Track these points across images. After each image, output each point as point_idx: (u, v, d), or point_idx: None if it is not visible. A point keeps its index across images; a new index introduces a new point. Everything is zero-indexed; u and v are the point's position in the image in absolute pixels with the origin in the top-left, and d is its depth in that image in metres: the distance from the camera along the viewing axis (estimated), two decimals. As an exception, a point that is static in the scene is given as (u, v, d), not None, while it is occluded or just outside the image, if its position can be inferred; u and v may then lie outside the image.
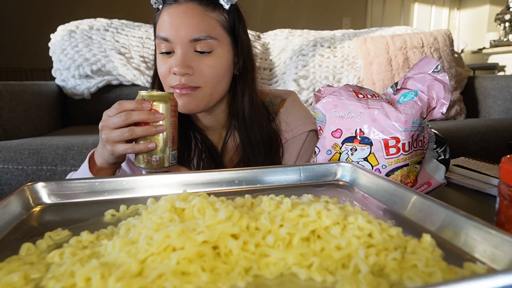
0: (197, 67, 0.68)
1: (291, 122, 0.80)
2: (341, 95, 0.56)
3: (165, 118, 0.57)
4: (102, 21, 1.77)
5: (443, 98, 0.54)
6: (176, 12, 0.67)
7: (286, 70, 1.86)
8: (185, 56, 0.67)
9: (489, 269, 0.28)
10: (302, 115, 0.81)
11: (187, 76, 0.68)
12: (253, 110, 0.75)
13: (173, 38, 0.67)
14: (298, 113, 0.82)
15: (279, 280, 0.28)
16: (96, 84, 1.66)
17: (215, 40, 0.68)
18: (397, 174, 0.53)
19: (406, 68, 1.79)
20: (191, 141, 0.78)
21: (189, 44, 0.67)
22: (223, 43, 0.70)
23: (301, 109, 0.83)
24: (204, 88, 0.70)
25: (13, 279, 0.27)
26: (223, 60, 0.71)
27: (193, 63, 0.68)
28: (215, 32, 0.68)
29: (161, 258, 0.28)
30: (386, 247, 0.30)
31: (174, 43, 0.67)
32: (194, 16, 0.67)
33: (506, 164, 0.34)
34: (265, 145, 0.76)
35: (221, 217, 0.31)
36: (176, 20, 0.67)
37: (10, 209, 0.40)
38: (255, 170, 0.51)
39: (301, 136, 0.79)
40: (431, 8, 4.33)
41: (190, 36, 0.66)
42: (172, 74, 0.68)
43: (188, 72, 0.67)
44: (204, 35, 0.67)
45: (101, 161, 0.62)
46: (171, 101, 0.58)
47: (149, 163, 0.57)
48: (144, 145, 0.56)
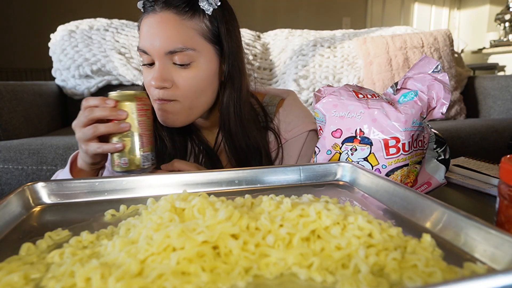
0: (175, 80, 0.65)
1: (290, 122, 0.78)
2: (341, 95, 0.56)
3: (128, 116, 0.55)
4: (102, 21, 1.77)
5: (443, 98, 0.54)
6: (152, 22, 0.64)
7: (286, 70, 1.86)
8: (163, 70, 0.65)
9: (489, 269, 0.28)
10: (301, 114, 0.80)
11: (164, 89, 0.65)
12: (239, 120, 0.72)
13: (150, 50, 0.64)
14: (297, 112, 0.80)
15: (279, 280, 0.28)
16: (96, 84, 1.66)
17: (193, 51, 0.65)
18: (397, 174, 0.53)
19: (406, 68, 1.79)
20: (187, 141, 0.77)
21: (166, 57, 0.64)
22: (204, 53, 0.66)
23: (300, 109, 0.81)
24: (181, 101, 0.67)
25: (13, 279, 0.27)
26: (204, 72, 0.67)
27: (171, 76, 0.65)
28: (192, 43, 0.65)
29: (161, 258, 0.28)
30: (386, 247, 0.30)
31: (152, 55, 0.65)
32: (168, 26, 0.63)
33: (506, 164, 0.34)
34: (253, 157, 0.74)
35: (221, 217, 0.31)
36: (151, 30, 0.64)
37: (10, 209, 0.40)
38: (255, 170, 0.51)
39: (301, 136, 0.77)
40: (431, 8, 4.33)
41: (165, 49, 0.63)
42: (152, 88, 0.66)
43: (165, 85, 0.65)
44: (180, 46, 0.63)
45: (80, 162, 0.62)
46: (137, 100, 0.56)
47: (119, 165, 0.56)
48: (112, 145, 0.55)
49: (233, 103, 0.71)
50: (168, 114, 0.68)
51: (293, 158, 0.77)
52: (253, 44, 1.88)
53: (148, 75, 0.67)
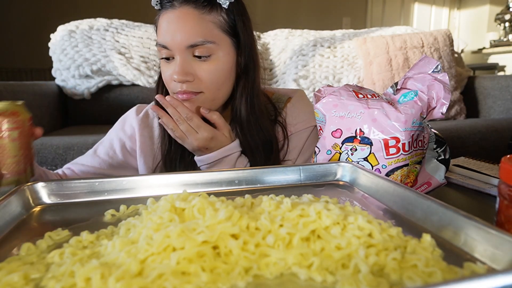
0: (196, 73, 0.67)
1: (297, 116, 0.80)
2: (341, 95, 0.56)
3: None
4: (102, 21, 1.77)
5: (443, 98, 0.54)
6: (172, 17, 0.66)
7: (286, 70, 1.86)
8: (184, 63, 0.66)
9: (489, 269, 0.28)
10: (308, 110, 0.81)
11: (187, 83, 0.67)
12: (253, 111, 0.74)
13: (170, 45, 0.66)
14: (304, 108, 0.82)
15: (279, 280, 0.28)
16: (96, 84, 1.66)
17: (213, 44, 0.67)
18: (397, 174, 0.53)
19: (406, 68, 1.79)
20: None
21: (186, 50, 0.66)
22: (223, 46, 0.69)
23: (307, 105, 0.83)
24: (205, 93, 0.69)
25: (13, 279, 0.27)
26: (224, 64, 0.69)
27: (193, 69, 0.67)
28: (212, 36, 0.67)
29: (161, 258, 0.28)
30: (386, 247, 0.30)
31: (172, 50, 0.66)
32: (189, 21, 0.66)
33: (506, 164, 0.34)
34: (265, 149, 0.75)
35: (221, 217, 0.31)
36: (172, 26, 0.66)
37: (10, 209, 0.40)
38: (255, 170, 0.51)
39: (306, 131, 0.79)
40: (431, 8, 4.33)
41: (186, 42, 0.65)
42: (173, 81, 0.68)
43: (188, 79, 0.67)
44: (201, 40, 0.66)
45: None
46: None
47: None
48: None
49: (246, 94, 0.73)
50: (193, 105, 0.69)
51: (295, 151, 0.78)
52: (253, 44, 1.88)
53: (167, 70, 0.69)
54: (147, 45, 1.71)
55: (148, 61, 1.69)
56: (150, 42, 1.71)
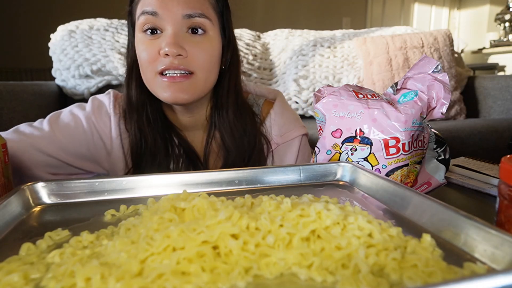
0: (190, 49, 0.61)
1: (282, 126, 0.75)
2: (341, 95, 0.56)
3: None
4: (102, 21, 1.77)
5: (443, 98, 0.54)
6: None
7: (286, 70, 1.86)
8: (178, 35, 0.60)
9: (489, 269, 0.28)
10: (292, 117, 0.77)
11: (179, 57, 0.60)
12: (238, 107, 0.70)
13: (163, 12, 0.60)
14: (288, 115, 0.77)
15: (279, 280, 0.28)
16: (96, 84, 1.66)
17: (208, 20, 0.63)
18: (397, 174, 0.53)
19: (406, 68, 1.79)
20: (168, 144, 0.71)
21: (181, 22, 0.60)
22: (215, 26, 0.65)
23: (290, 112, 0.79)
24: (198, 73, 0.63)
25: (13, 279, 0.27)
26: (216, 44, 0.65)
27: (186, 44, 0.61)
28: (208, 12, 0.63)
29: (161, 258, 0.28)
30: (386, 247, 0.30)
31: (164, 19, 0.60)
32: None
33: (506, 164, 0.34)
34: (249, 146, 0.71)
35: (221, 217, 0.31)
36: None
37: (10, 209, 0.40)
38: (255, 170, 0.51)
39: (295, 141, 0.75)
40: (431, 8, 4.34)
41: (183, 11, 0.60)
42: (161, 57, 0.61)
43: (181, 53, 0.60)
44: (198, 12, 0.61)
45: None
46: None
47: None
48: None
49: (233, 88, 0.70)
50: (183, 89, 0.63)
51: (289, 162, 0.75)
52: (253, 44, 1.88)
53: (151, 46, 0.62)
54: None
55: (148, 61, 1.69)
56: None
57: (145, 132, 0.69)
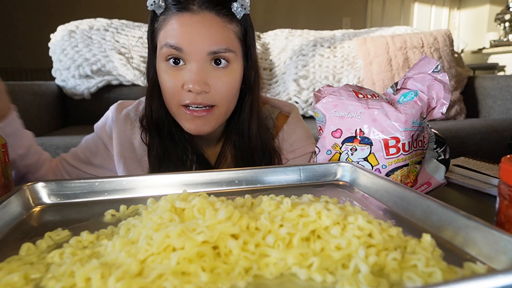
0: (213, 83, 0.62)
1: (294, 142, 0.76)
2: (341, 95, 0.56)
3: None
4: (102, 21, 1.77)
5: (443, 98, 0.54)
6: (191, 21, 0.60)
7: (286, 70, 1.86)
8: (202, 71, 0.61)
9: (489, 269, 0.28)
10: (305, 135, 0.78)
11: (203, 94, 0.62)
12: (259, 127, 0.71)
13: (188, 48, 0.60)
14: (301, 132, 0.78)
15: (279, 280, 0.28)
16: (96, 84, 1.66)
17: (233, 54, 0.63)
18: (397, 174, 0.53)
19: (406, 68, 1.79)
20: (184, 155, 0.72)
21: (205, 57, 0.61)
22: (238, 56, 0.65)
23: (303, 129, 0.79)
24: (219, 106, 0.64)
25: (13, 279, 0.27)
26: (237, 75, 0.66)
27: (209, 79, 0.62)
28: (233, 45, 0.63)
29: (161, 258, 0.28)
30: (386, 247, 0.30)
31: (188, 55, 0.61)
32: (212, 27, 0.61)
33: (506, 164, 0.34)
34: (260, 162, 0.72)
35: (221, 217, 0.31)
36: (192, 30, 0.60)
37: (10, 209, 0.40)
38: (255, 170, 0.51)
39: (305, 157, 0.75)
40: (431, 8, 4.34)
41: (208, 49, 0.61)
42: (184, 91, 0.62)
43: (205, 89, 0.61)
44: (223, 47, 0.61)
45: None
46: None
47: None
48: None
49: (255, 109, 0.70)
50: (206, 122, 0.64)
51: None
52: (253, 44, 1.88)
53: (175, 77, 0.62)
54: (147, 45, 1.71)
55: (148, 61, 1.69)
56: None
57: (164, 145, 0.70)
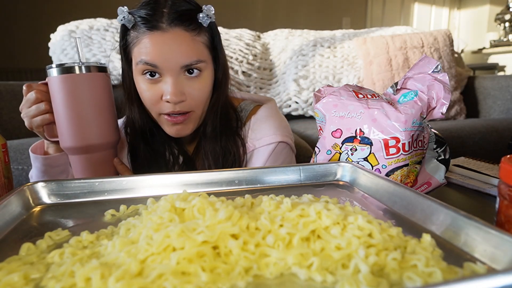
0: (188, 92, 0.67)
1: (260, 131, 0.77)
2: (341, 95, 0.56)
3: None
4: (102, 21, 1.77)
5: (443, 98, 0.54)
6: (163, 39, 0.64)
7: (286, 70, 1.86)
8: (178, 84, 0.66)
9: (489, 269, 0.28)
10: (274, 125, 0.78)
11: (180, 103, 0.67)
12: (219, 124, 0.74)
13: (162, 65, 0.65)
14: (270, 122, 0.78)
15: (279, 280, 0.28)
16: (96, 84, 1.66)
17: (203, 63, 0.68)
18: (397, 174, 0.53)
19: (406, 68, 1.79)
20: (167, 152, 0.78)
21: (179, 71, 0.66)
22: (208, 63, 0.70)
23: (275, 119, 0.79)
24: (196, 111, 0.70)
25: (13, 279, 0.27)
26: (209, 80, 0.70)
27: (184, 88, 0.67)
28: (203, 55, 0.68)
29: (161, 258, 0.28)
30: (386, 247, 0.30)
31: (164, 69, 0.65)
32: (183, 43, 0.65)
33: (506, 164, 0.34)
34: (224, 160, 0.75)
35: (221, 217, 0.31)
36: (164, 47, 0.64)
37: (10, 209, 0.40)
38: (255, 170, 0.51)
39: (268, 147, 0.76)
40: (431, 8, 4.34)
41: (181, 63, 0.65)
42: (163, 102, 0.67)
43: (182, 99, 0.67)
44: (195, 60, 0.66)
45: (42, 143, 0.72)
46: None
47: None
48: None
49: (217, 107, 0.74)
50: (185, 126, 0.70)
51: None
52: (253, 44, 1.88)
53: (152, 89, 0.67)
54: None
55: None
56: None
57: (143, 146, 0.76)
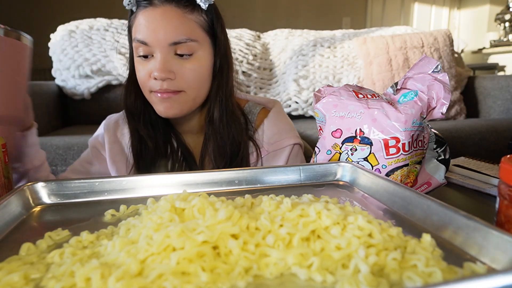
0: (178, 71, 0.67)
1: (274, 134, 0.77)
2: (341, 95, 0.56)
3: None
4: (102, 21, 1.77)
5: (443, 98, 0.54)
6: (153, 15, 0.65)
7: (286, 70, 1.86)
8: (165, 60, 0.65)
9: (489, 269, 0.28)
10: (286, 128, 0.79)
11: (168, 80, 0.66)
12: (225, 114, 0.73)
13: (151, 41, 0.65)
14: (282, 125, 0.79)
15: (279, 280, 0.28)
16: (96, 84, 1.66)
17: (195, 43, 0.67)
18: (397, 174, 0.53)
19: (406, 68, 1.79)
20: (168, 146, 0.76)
21: (168, 48, 0.65)
22: (204, 45, 0.69)
23: (285, 122, 0.80)
24: (187, 92, 0.69)
25: (13, 279, 0.27)
26: (205, 62, 0.69)
27: (174, 67, 0.66)
28: (195, 35, 0.67)
29: (161, 258, 0.28)
30: (386, 247, 0.30)
31: (153, 47, 0.65)
32: (173, 19, 0.65)
33: (506, 164, 0.34)
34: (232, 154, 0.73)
35: (221, 217, 0.31)
36: (153, 23, 0.64)
37: (10, 209, 0.40)
38: (255, 170, 0.51)
39: (286, 149, 0.76)
40: (431, 8, 4.33)
41: (169, 40, 0.65)
42: (152, 79, 0.67)
43: (169, 76, 0.66)
44: (184, 38, 0.65)
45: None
46: None
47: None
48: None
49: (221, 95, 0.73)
50: (173, 104, 0.69)
51: None
52: (253, 44, 1.88)
53: (144, 68, 0.68)
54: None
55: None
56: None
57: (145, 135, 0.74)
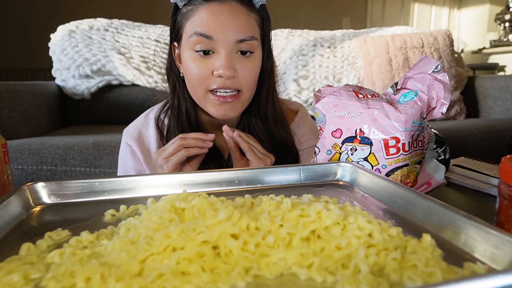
0: (240, 70, 0.66)
1: (303, 135, 0.81)
2: (341, 95, 0.56)
3: None
4: (102, 21, 1.77)
5: (443, 98, 0.54)
6: (220, 10, 0.64)
7: (286, 70, 1.86)
8: (231, 57, 0.65)
9: (489, 269, 0.28)
10: (312, 129, 0.83)
11: (231, 79, 0.65)
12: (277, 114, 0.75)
13: (217, 36, 0.64)
14: (309, 126, 0.83)
15: (279, 280, 0.28)
16: (96, 84, 1.66)
17: (256, 41, 0.67)
18: (397, 174, 0.53)
19: (406, 68, 1.79)
20: None
21: (233, 46, 0.65)
22: (259, 44, 0.69)
23: (311, 124, 0.84)
24: (245, 91, 0.69)
25: (13, 279, 0.27)
26: (259, 62, 0.70)
27: (237, 65, 0.66)
28: (256, 33, 0.67)
29: (161, 258, 0.28)
30: (386, 247, 0.30)
31: (218, 42, 0.64)
32: (239, 16, 0.64)
33: (506, 164, 0.34)
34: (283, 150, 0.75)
35: (221, 217, 0.31)
36: (221, 19, 0.63)
37: (10, 209, 0.40)
38: (255, 170, 0.51)
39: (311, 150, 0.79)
40: (431, 8, 4.33)
41: (237, 37, 0.64)
42: (214, 77, 0.66)
43: (234, 74, 0.65)
44: (249, 35, 0.65)
45: None
46: None
47: None
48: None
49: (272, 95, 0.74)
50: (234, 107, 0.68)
51: None
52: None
53: (204, 65, 0.66)
54: (147, 45, 1.71)
55: (148, 61, 1.69)
56: (150, 42, 1.71)
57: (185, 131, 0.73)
